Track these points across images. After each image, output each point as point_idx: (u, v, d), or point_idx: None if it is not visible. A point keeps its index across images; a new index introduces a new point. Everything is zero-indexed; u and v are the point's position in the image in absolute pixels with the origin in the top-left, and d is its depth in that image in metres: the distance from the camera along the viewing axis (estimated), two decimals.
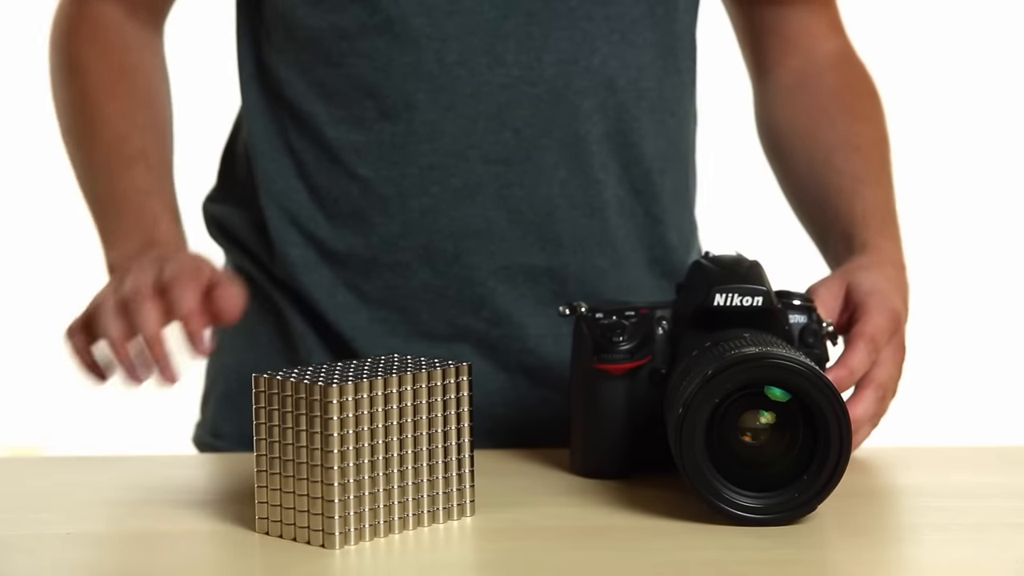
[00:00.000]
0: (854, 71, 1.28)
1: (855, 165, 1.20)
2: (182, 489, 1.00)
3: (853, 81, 1.27)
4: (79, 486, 1.02)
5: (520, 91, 1.14)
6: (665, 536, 0.89)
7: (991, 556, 0.87)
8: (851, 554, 0.87)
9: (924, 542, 0.89)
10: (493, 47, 1.13)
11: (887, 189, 1.21)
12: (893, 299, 1.07)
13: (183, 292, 1.00)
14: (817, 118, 1.24)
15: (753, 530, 0.89)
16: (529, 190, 1.15)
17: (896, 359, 1.06)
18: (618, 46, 1.16)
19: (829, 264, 1.19)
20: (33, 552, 0.87)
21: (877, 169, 1.22)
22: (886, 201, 1.20)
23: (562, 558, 0.85)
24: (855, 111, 1.25)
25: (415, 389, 0.88)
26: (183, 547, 0.88)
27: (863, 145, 1.22)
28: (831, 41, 1.28)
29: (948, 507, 0.96)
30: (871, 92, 1.27)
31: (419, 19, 1.13)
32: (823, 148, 1.22)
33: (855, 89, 1.27)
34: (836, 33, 1.29)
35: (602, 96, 1.16)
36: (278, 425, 0.86)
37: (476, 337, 1.17)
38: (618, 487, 0.99)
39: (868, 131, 1.24)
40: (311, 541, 0.86)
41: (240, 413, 1.24)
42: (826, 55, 1.27)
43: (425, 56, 1.13)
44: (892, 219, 1.19)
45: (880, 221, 1.17)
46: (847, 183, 1.19)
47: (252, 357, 1.22)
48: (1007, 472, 1.07)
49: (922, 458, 1.13)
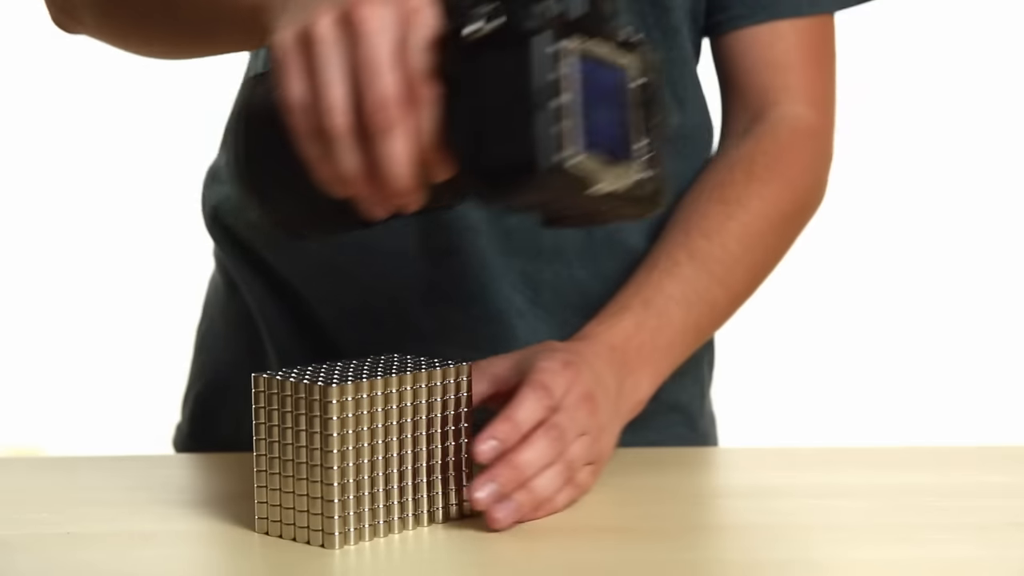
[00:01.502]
0: (779, 150, 1.15)
1: (676, 280, 1.09)
2: (182, 489, 1.00)
3: (762, 166, 1.14)
4: (79, 486, 1.01)
5: None
6: (665, 536, 0.89)
7: (992, 556, 0.87)
8: (851, 554, 0.87)
9: (925, 542, 0.89)
10: None
11: (685, 321, 1.08)
12: (572, 355, 0.95)
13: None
14: (695, 198, 1.14)
15: (753, 531, 0.89)
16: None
17: (582, 419, 0.93)
18: None
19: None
20: (33, 552, 0.87)
21: (687, 299, 1.08)
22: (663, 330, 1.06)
23: (562, 558, 0.85)
24: (726, 210, 1.12)
25: (415, 389, 0.88)
26: (183, 547, 0.88)
27: (695, 261, 1.10)
28: (792, 107, 1.17)
29: (949, 507, 0.96)
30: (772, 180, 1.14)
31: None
32: (677, 231, 1.12)
33: (756, 174, 1.14)
34: (804, 100, 1.17)
35: None
36: (278, 425, 0.86)
37: (464, 337, 1.16)
38: (618, 487, 0.99)
39: (709, 247, 1.11)
40: (311, 541, 0.86)
41: (212, 415, 1.24)
42: (771, 121, 1.16)
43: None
44: (660, 346, 1.06)
45: (640, 341, 1.05)
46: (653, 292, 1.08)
47: (229, 356, 1.22)
48: (1008, 472, 1.07)
49: (922, 458, 1.13)
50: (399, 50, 0.77)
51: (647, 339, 1.04)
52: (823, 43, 1.20)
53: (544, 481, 0.89)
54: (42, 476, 1.06)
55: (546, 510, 0.91)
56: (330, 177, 0.80)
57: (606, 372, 0.99)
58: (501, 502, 0.87)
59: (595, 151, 0.79)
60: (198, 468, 1.13)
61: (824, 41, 1.20)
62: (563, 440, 0.90)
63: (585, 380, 0.94)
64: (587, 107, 0.79)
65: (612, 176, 0.80)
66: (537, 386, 0.90)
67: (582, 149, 0.78)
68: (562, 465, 0.90)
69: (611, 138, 0.81)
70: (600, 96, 0.80)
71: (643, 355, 1.03)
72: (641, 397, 1.03)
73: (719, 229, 1.11)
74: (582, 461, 0.93)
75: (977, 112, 2.96)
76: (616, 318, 1.04)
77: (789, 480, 1.03)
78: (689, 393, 1.23)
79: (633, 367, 1.02)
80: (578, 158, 0.77)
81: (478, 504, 0.86)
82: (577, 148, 0.77)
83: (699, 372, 1.24)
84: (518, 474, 0.88)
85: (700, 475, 1.11)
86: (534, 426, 0.89)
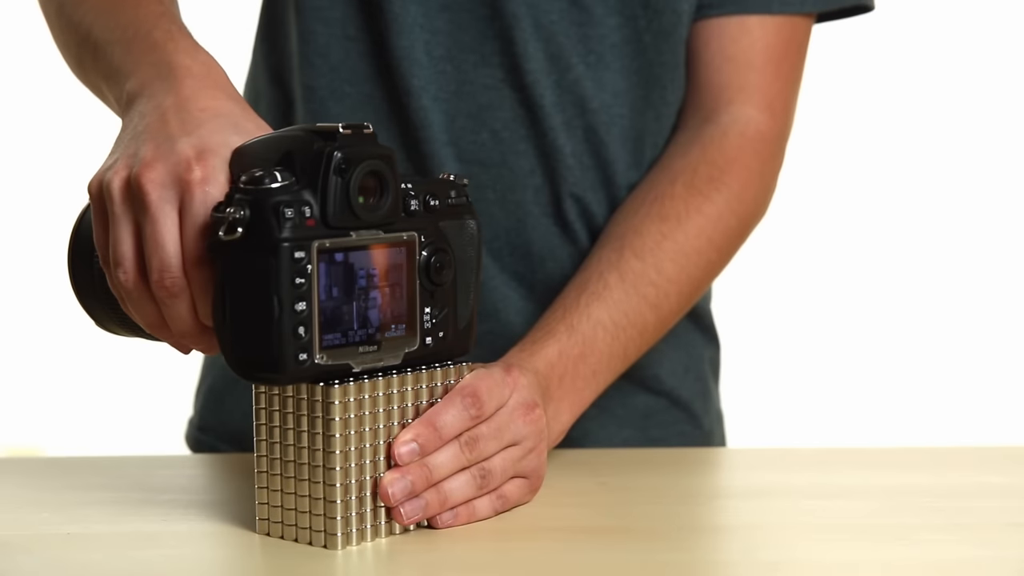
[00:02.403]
0: (725, 160, 1.13)
1: (609, 299, 1.07)
2: (182, 489, 1.00)
3: (704, 178, 1.12)
4: (79, 486, 1.01)
5: (502, 93, 1.13)
6: (664, 536, 0.89)
7: (991, 556, 0.87)
8: (850, 554, 0.87)
9: (921, 542, 0.90)
10: (480, 46, 1.13)
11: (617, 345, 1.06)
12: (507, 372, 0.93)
13: (164, 229, 0.83)
14: (633, 211, 1.12)
15: (752, 531, 0.89)
16: (501, 194, 1.15)
17: (516, 428, 0.92)
18: (594, 68, 1.14)
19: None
20: (33, 552, 0.87)
21: (617, 318, 1.06)
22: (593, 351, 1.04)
23: (562, 558, 0.85)
24: (662, 228, 1.10)
25: (415, 389, 0.88)
26: (183, 547, 0.88)
27: (625, 282, 1.08)
28: (744, 109, 1.15)
29: (946, 507, 0.96)
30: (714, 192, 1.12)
31: (413, 6, 1.12)
32: (611, 249, 1.10)
33: (697, 187, 1.12)
34: (759, 103, 1.15)
35: (570, 114, 1.14)
36: (278, 426, 0.86)
37: None
38: (618, 487, 0.99)
39: (642, 268, 1.08)
40: (312, 542, 0.86)
41: (223, 408, 1.24)
42: (721, 124, 1.15)
43: (416, 46, 1.12)
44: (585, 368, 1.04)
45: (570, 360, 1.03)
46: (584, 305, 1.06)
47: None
48: (1007, 472, 1.07)
49: (918, 459, 1.13)
50: (178, 223, 0.82)
51: (570, 367, 1.02)
52: (791, 47, 1.17)
53: (455, 485, 0.89)
54: (42, 476, 1.06)
55: (466, 517, 0.90)
56: (132, 315, 0.87)
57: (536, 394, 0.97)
58: (410, 499, 0.87)
59: (342, 343, 0.83)
60: (198, 468, 1.13)
61: (792, 45, 1.17)
62: (474, 448, 0.89)
63: (525, 388, 0.93)
64: (333, 303, 0.82)
65: (369, 357, 0.85)
66: (467, 393, 0.89)
67: (320, 349, 0.82)
68: (477, 472, 0.90)
69: (364, 323, 0.84)
70: (349, 288, 0.83)
71: (565, 384, 1.01)
72: (561, 427, 1.01)
73: (654, 249, 1.09)
74: (506, 472, 0.91)
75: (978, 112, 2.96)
76: (539, 345, 1.01)
77: (786, 480, 1.03)
78: (691, 391, 1.23)
79: (554, 395, 1.00)
80: (319, 357, 0.82)
81: (390, 499, 0.86)
82: (316, 350, 0.82)
83: (701, 370, 1.24)
84: (428, 473, 0.88)
85: (698, 475, 1.11)
86: (456, 435, 0.88)
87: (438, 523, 0.89)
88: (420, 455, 0.87)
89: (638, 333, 1.07)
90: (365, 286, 0.84)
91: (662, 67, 1.16)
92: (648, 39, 1.15)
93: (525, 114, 1.14)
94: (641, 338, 1.08)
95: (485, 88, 1.13)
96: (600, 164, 1.16)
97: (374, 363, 0.85)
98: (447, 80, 1.13)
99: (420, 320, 0.87)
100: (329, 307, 0.82)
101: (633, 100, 1.15)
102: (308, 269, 0.81)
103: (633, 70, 1.15)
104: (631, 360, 1.08)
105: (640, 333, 1.07)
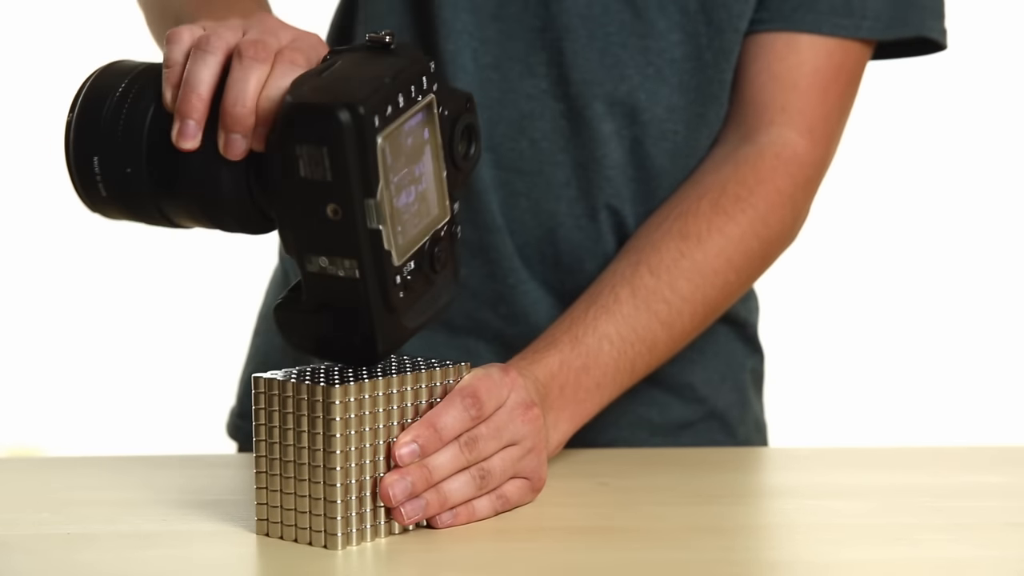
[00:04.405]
0: (756, 180, 1.12)
1: (620, 313, 1.06)
2: (182, 489, 1.00)
3: (732, 198, 1.11)
4: (79, 486, 1.02)
5: (544, 103, 1.13)
6: (665, 537, 0.89)
7: (989, 556, 0.87)
8: (850, 554, 0.87)
9: (921, 542, 0.90)
10: (527, 56, 1.13)
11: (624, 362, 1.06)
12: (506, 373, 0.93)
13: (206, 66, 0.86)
14: (656, 226, 1.11)
15: (752, 531, 0.89)
16: (535, 202, 1.15)
17: (515, 428, 0.92)
18: (652, 80, 1.13)
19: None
20: (33, 552, 0.87)
21: (628, 337, 1.06)
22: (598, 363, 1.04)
23: (562, 558, 0.86)
24: (681, 246, 1.09)
25: (415, 389, 0.88)
26: (183, 547, 0.88)
27: (637, 299, 1.07)
28: (784, 132, 1.13)
29: (946, 507, 0.96)
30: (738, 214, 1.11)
31: (465, 14, 1.13)
32: (626, 263, 1.09)
33: (722, 207, 1.11)
34: (800, 125, 1.13)
35: (619, 123, 1.14)
36: (278, 426, 0.86)
37: (492, 333, 1.17)
38: (618, 487, 0.99)
39: (656, 285, 1.08)
40: (312, 542, 0.86)
41: None
42: (756, 147, 1.13)
43: (463, 52, 1.13)
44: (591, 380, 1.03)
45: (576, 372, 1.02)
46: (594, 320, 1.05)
47: (280, 340, 1.22)
48: (1006, 472, 1.07)
49: (918, 458, 1.13)
50: (263, 80, 0.85)
51: (571, 378, 1.01)
52: (841, 73, 1.14)
53: (455, 485, 0.89)
54: (42, 476, 1.06)
55: (466, 516, 0.90)
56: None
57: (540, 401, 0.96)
58: (411, 500, 0.87)
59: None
60: (198, 468, 1.13)
61: (843, 71, 1.14)
62: (474, 448, 0.89)
63: (523, 388, 0.93)
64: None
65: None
66: (467, 394, 0.89)
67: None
68: (476, 472, 0.90)
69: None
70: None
71: (565, 395, 1.01)
72: (560, 437, 1.01)
73: (671, 266, 1.08)
74: (505, 472, 0.91)
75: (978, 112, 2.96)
76: (541, 354, 1.01)
77: (786, 480, 1.03)
78: (727, 400, 1.22)
79: (554, 404, 0.99)
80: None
81: (391, 500, 0.87)
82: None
83: (740, 379, 1.23)
84: (428, 474, 0.88)
85: (698, 476, 1.11)
86: (456, 435, 0.88)
87: (438, 523, 0.89)
88: (421, 456, 0.87)
89: (647, 349, 1.06)
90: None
91: (720, 85, 1.14)
92: (709, 57, 1.13)
93: (566, 125, 1.14)
94: (651, 354, 1.07)
95: (528, 98, 1.13)
96: (643, 176, 1.15)
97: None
98: (491, 88, 1.13)
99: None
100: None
101: (688, 117, 1.14)
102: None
103: (692, 87, 1.14)
104: (640, 375, 1.07)
105: (650, 349, 1.07)
